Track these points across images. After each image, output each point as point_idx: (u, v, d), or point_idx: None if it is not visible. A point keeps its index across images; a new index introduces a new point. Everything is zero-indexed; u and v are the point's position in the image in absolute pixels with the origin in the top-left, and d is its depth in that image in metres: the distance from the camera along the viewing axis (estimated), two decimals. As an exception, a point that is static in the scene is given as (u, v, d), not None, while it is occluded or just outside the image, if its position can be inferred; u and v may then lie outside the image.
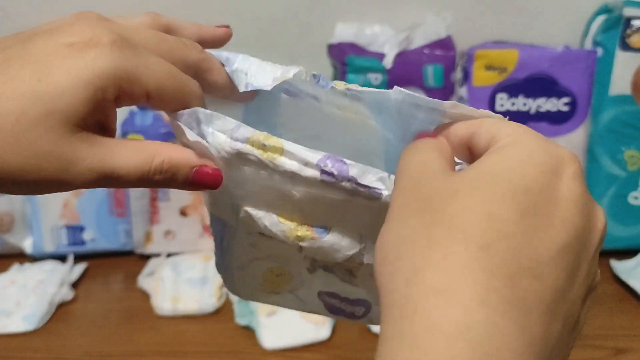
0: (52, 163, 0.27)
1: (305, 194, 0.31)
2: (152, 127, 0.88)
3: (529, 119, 0.81)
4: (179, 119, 0.32)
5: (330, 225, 0.33)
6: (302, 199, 0.32)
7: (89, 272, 0.89)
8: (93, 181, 0.29)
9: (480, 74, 0.81)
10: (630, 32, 0.82)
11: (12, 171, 0.27)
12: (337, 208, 0.32)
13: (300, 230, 0.33)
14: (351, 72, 0.83)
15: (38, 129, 0.26)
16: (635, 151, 0.87)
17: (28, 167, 0.27)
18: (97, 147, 0.29)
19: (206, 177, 0.31)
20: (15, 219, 0.93)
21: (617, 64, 0.84)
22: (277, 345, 0.69)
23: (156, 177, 0.30)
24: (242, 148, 0.30)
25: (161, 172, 0.30)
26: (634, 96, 0.85)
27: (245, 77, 0.34)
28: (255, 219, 0.33)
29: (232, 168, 0.31)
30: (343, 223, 0.33)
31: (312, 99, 0.36)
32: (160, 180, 0.30)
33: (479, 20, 0.94)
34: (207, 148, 0.31)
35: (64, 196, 0.91)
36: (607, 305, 0.78)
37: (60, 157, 0.27)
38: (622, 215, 0.89)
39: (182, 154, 0.31)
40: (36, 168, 0.27)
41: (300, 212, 0.32)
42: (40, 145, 0.27)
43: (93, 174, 0.28)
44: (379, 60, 0.82)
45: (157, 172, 0.30)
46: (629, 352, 0.68)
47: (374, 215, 0.30)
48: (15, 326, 0.75)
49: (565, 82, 0.80)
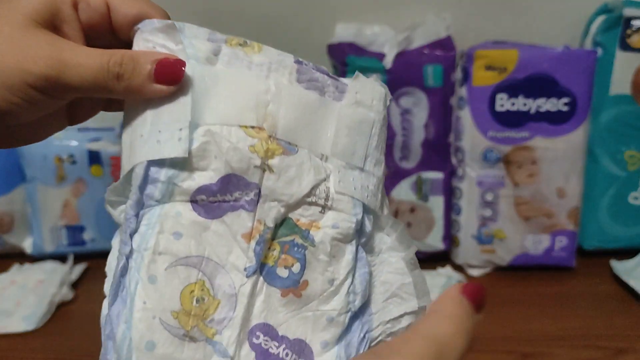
0: (12, 50, 0.30)
1: (278, 90, 0.33)
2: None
3: (529, 119, 0.81)
4: (144, 28, 0.33)
5: (297, 141, 0.33)
6: (275, 100, 0.33)
7: (89, 272, 0.89)
8: (47, 73, 0.30)
9: (480, 74, 0.81)
10: (630, 32, 0.83)
11: None
12: (306, 113, 0.34)
13: (271, 144, 0.33)
14: (351, 72, 0.82)
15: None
16: (635, 151, 0.87)
17: None
18: (57, 42, 0.31)
19: (170, 67, 0.31)
20: (15, 219, 0.93)
21: (617, 64, 0.84)
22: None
23: (115, 70, 0.30)
24: (222, 46, 0.33)
25: (120, 64, 0.31)
26: (634, 96, 0.85)
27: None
28: (218, 141, 0.32)
29: (204, 74, 0.33)
30: (309, 137, 0.34)
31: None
32: (119, 75, 0.31)
33: (479, 20, 0.94)
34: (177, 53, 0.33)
35: (64, 196, 0.91)
36: (607, 305, 0.78)
37: (20, 45, 0.30)
38: (622, 215, 0.89)
39: (142, 50, 0.32)
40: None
41: (271, 119, 0.33)
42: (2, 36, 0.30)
43: (48, 62, 0.30)
44: (379, 60, 0.82)
45: (115, 65, 0.30)
46: (629, 352, 0.68)
47: (337, 127, 0.35)
48: (15, 326, 0.74)
49: (565, 82, 0.80)
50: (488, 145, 0.83)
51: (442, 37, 0.84)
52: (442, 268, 0.85)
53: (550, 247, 0.86)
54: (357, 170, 0.35)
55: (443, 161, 0.87)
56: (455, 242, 0.89)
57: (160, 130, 0.32)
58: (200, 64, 0.33)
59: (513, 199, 0.85)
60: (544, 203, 0.85)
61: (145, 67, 0.31)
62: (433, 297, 0.79)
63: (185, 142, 0.31)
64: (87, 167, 0.90)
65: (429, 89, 0.83)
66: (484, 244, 0.87)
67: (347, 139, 0.35)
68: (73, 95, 0.32)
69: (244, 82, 0.33)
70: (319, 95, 0.35)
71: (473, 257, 0.88)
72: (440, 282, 0.79)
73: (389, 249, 0.35)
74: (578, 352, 0.68)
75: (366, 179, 0.35)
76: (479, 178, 0.85)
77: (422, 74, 0.82)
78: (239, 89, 0.33)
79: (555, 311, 0.77)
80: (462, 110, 0.84)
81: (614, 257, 0.87)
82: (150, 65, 0.31)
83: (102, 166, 0.91)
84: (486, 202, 0.86)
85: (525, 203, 0.85)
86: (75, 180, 0.90)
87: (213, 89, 0.33)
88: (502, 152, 0.83)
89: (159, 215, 0.32)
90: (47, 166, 0.89)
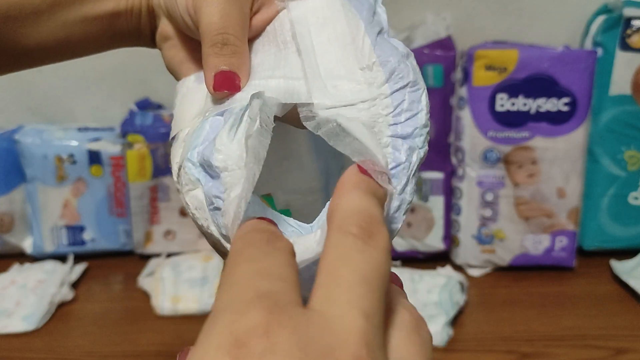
0: None
1: None
2: (152, 127, 0.88)
3: (529, 119, 0.81)
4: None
5: None
6: None
7: (89, 272, 0.89)
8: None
9: (480, 74, 0.81)
10: (630, 32, 0.83)
11: None
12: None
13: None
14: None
15: None
16: (635, 151, 0.87)
17: None
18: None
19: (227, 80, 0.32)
20: (15, 219, 0.93)
21: (617, 64, 0.84)
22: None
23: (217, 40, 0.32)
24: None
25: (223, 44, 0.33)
26: (634, 96, 0.85)
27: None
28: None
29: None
30: None
31: None
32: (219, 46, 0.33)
33: (479, 20, 0.94)
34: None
35: (64, 196, 0.91)
36: (607, 305, 0.78)
37: None
38: (622, 215, 0.89)
39: (212, 59, 0.33)
40: None
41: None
42: None
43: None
44: (379, 60, 0.82)
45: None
46: (629, 352, 0.68)
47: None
48: (15, 326, 0.74)
49: (565, 82, 0.80)
50: (488, 145, 0.83)
51: (442, 37, 0.84)
52: (442, 268, 0.85)
53: (550, 247, 0.86)
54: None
55: (443, 161, 0.87)
56: (455, 242, 0.89)
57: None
58: None
59: (513, 199, 0.85)
60: (544, 203, 0.85)
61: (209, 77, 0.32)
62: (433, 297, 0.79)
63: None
64: (87, 167, 0.90)
65: (429, 89, 0.83)
66: (484, 244, 0.87)
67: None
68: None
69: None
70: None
71: (473, 257, 0.88)
72: (440, 282, 0.79)
73: None
74: (578, 352, 0.68)
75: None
76: (479, 178, 0.85)
77: (422, 74, 0.82)
78: None
79: (555, 311, 0.77)
80: (462, 110, 0.84)
81: (614, 257, 0.87)
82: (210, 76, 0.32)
83: (102, 166, 0.90)
84: (486, 202, 0.85)
85: (525, 203, 0.85)
86: (75, 180, 0.90)
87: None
88: (502, 152, 0.83)
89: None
90: (47, 166, 0.89)
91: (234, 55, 0.32)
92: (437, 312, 0.73)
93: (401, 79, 0.31)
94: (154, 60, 0.90)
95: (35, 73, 0.99)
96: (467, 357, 0.69)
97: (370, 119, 0.30)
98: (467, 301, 0.78)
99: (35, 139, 0.89)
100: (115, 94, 0.99)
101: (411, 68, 0.31)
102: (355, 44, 0.31)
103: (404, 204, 0.29)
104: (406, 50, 0.32)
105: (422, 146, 0.30)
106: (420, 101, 0.31)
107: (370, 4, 0.33)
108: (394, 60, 0.31)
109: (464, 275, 0.84)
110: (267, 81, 0.31)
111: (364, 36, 0.31)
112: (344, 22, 0.32)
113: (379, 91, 0.30)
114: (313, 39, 0.32)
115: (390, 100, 0.30)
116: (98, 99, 1.00)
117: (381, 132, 0.30)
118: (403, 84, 0.31)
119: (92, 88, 1.00)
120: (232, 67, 0.32)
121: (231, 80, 0.31)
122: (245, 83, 0.32)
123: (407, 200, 0.29)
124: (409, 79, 0.31)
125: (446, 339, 0.70)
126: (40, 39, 0.36)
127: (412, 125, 0.30)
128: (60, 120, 1.00)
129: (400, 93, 0.30)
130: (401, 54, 0.31)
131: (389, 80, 0.30)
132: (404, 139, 0.30)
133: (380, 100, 0.30)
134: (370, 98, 0.30)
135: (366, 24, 0.32)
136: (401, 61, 0.31)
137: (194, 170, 0.29)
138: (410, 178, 0.29)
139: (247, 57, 0.33)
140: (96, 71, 0.98)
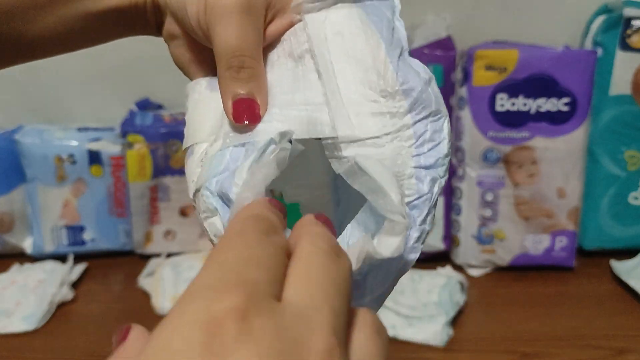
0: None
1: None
2: (152, 127, 0.88)
3: (529, 119, 0.81)
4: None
5: None
6: None
7: (89, 272, 0.89)
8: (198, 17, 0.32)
9: (480, 74, 0.81)
10: (630, 32, 0.82)
11: None
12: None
13: None
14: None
15: None
16: (635, 151, 0.87)
17: None
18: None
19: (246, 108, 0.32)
20: (15, 219, 0.93)
21: (617, 64, 0.84)
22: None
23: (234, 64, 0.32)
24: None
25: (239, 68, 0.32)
26: (634, 96, 0.85)
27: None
28: None
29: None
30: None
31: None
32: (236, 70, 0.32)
33: (479, 20, 0.94)
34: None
35: (64, 196, 0.91)
36: (607, 305, 0.78)
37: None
38: (622, 215, 0.89)
39: (228, 84, 0.32)
40: None
41: None
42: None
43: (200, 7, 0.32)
44: (379, 60, 0.82)
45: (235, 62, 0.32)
46: (629, 352, 0.68)
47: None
48: (15, 326, 0.74)
49: (565, 82, 0.80)
50: (488, 145, 0.83)
51: (442, 37, 0.84)
52: (442, 268, 0.85)
53: (550, 247, 0.86)
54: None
55: (443, 161, 0.87)
56: (455, 242, 0.89)
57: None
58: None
59: (513, 199, 0.85)
60: (544, 203, 0.85)
61: (227, 104, 0.31)
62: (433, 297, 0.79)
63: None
64: (87, 167, 0.90)
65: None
66: (484, 244, 0.87)
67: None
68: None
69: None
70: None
71: (473, 257, 0.88)
72: (440, 282, 0.79)
73: None
74: (578, 352, 0.68)
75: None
76: (479, 178, 0.85)
77: (422, 74, 0.82)
78: None
79: (555, 311, 0.77)
80: (462, 110, 0.84)
81: (614, 257, 0.87)
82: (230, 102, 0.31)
83: (102, 166, 0.90)
84: (486, 202, 0.85)
85: (525, 203, 0.85)
86: (75, 180, 0.90)
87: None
88: (502, 152, 0.83)
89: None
90: (47, 166, 0.89)
91: (251, 79, 0.31)
92: (437, 312, 0.73)
93: (424, 109, 0.31)
94: (154, 60, 0.90)
95: (35, 73, 0.99)
96: (467, 357, 0.69)
97: (394, 152, 0.30)
98: (467, 301, 0.78)
99: (35, 139, 0.89)
100: (115, 94, 0.99)
101: (433, 96, 0.31)
102: (376, 67, 0.31)
103: (423, 234, 0.30)
104: (428, 76, 0.32)
105: (444, 175, 0.31)
106: (442, 130, 0.31)
107: (389, 19, 0.33)
108: (416, 88, 0.31)
109: (464, 275, 0.84)
110: (289, 111, 0.31)
111: (386, 59, 0.31)
112: (363, 41, 0.31)
113: (402, 122, 0.30)
114: (333, 60, 0.31)
115: (413, 131, 0.31)
116: (98, 99, 1.00)
117: (405, 164, 0.30)
118: (425, 114, 0.31)
119: (92, 88, 1.00)
120: (250, 93, 0.31)
121: (251, 110, 0.31)
122: (264, 111, 0.31)
123: (427, 230, 0.30)
124: (431, 108, 0.31)
125: (446, 339, 0.70)
126: (41, 33, 0.35)
127: (434, 155, 0.31)
128: (60, 120, 1.00)
129: (423, 123, 0.31)
130: (424, 81, 0.31)
131: (412, 110, 0.31)
132: (427, 169, 0.30)
133: (403, 131, 0.30)
134: (394, 130, 0.30)
135: (387, 45, 0.31)
136: (423, 90, 0.31)
137: (212, 199, 0.29)
138: (431, 208, 0.30)
139: (264, 79, 0.32)
140: (96, 71, 0.98)
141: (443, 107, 0.32)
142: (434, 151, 0.31)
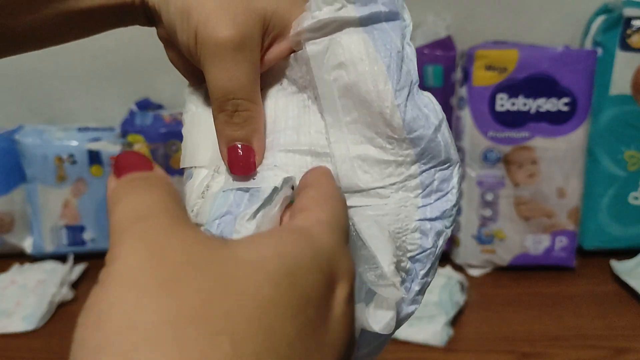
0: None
1: None
2: (152, 127, 0.88)
3: (529, 119, 0.81)
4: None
5: None
6: None
7: (89, 272, 0.89)
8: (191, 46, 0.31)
9: (480, 74, 0.81)
10: (630, 32, 0.82)
11: None
12: None
13: None
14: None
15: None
16: (635, 151, 0.87)
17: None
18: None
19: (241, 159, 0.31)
20: (15, 219, 0.93)
21: (617, 64, 0.84)
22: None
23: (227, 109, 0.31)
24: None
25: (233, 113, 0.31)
26: (634, 96, 0.85)
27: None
28: None
29: None
30: None
31: None
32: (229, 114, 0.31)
33: (479, 20, 0.94)
34: None
35: (64, 196, 0.91)
36: (607, 305, 0.78)
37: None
38: (622, 215, 0.89)
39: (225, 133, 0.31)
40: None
41: None
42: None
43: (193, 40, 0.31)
44: (379, 60, 0.82)
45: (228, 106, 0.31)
46: (629, 352, 0.68)
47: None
48: (15, 326, 0.75)
49: (565, 82, 0.80)
50: (488, 145, 0.83)
51: (442, 37, 0.84)
52: (442, 268, 0.85)
53: (550, 247, 0.86)
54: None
55: (443, 161, 0.87)
56: (455, 242, 0.89)
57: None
58: None
59: (513, 199, 0.85)
60: (544, 203, 0.85)
61: (223, 151, 0.31)
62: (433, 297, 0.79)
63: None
64: (87, 167, 0.90)
65: (429, 89, 0.83)
66: (484, 244, 0.87)
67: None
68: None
69: None
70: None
71: (473, 257, 0.88)
72: (440, 282, 0.79)
73: None
74: (578, 352, 0.68)
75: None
76: (479, 178, 0.85)
77: (422, 74, 0.82)
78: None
79: (555, 311, 0.77)
80: (462, 110, 0.84)
81: (614, 257, 0.87)
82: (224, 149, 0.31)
83: (102, 166, 0.90)
84: (486, 202, 0.86)
85: (525, 203, 0.85)
86: (75, 180, 0.90)
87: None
88: (502, 152, 0.83)
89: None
90: (47, 166, 0.89)
91: (246, 123, 0.30)
92: (437, 312, 0.73)
93: (432, 158, 0.30)
94: (154, 60, 0.90)
95: (35, 73, 0.99)
96: (467, 357, 0.69)
97: (398, 203, 0.29)
98: (467, 301, 0.78)
99: (35, 139, 0.89)
100: (115, 94, 0.99)
101: (443, 144, 0.30)
102: (382, 111, 0.29)
103: (425, 286, 0.29)
104: (438, 120, 0.30)
105: (450, 225, 0.30)
106: (451, 179, 0.30)
107: (398, 49, 0.30)
108: (425, 137, 0.29)
109: (464, 275, 0.84)
110: (294, 155, 0.30)
111: (393, 102, 0.29)
112: (370, 79, 0.29)
113: (409, 172, 0.29)
114: (337, 97, 0.30)
115: (420, 180, 0.29)
116: (98, 99, 1.00)
117: (409, 217, 0.29)
118: (434, 164, 0.30)
119: (92, 88, 1.00)
120: (246, 138, 0.30)
121: (246, 159, 0.30)
122: (261, 156, 0.30)
123: (429, 282, 0.30)
124: (440, 158, 0.30)
125: (446, 339, 0.70)
126: (33, 28, 0.34)
127: (441, 207, 0.30)
128: (60, 120, 1.00)
129: (430, 173, 0.30)
130: (434, 127, 0.29)
131: (419, 160, 0.29)
132: (432, 221, 0.29)
133: (410, 181, 0.29)
134: (399, 180, 0.29)
135: (394, 83, 0.29)
136: (432, 139, 0.29)
137: None
138: (434, 262, 0.29)
139: (261, 119, 0.31)
140: (96, 71, 0.98)
141: (454, 155, 0.30)
142: (441, 202, 0.30)
